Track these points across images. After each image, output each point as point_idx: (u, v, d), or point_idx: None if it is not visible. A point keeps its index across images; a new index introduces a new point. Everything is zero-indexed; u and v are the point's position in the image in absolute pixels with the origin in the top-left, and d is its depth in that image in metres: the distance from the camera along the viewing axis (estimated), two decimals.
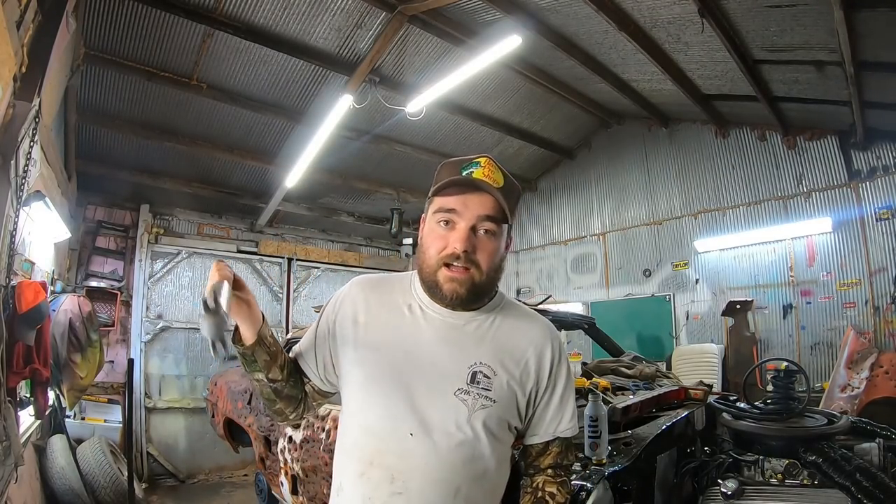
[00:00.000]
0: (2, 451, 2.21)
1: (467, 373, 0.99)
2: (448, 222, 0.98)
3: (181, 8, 3.85)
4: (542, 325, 1.10)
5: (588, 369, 3.02)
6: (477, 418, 0.97)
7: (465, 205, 0.97)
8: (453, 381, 0.98)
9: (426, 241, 1.02)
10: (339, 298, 1.11)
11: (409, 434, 0.96)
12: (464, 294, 0.98)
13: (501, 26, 3.95)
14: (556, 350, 1.08)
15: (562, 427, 1.09)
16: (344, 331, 1.07)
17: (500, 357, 1.02)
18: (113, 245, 5.81)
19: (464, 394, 0.98)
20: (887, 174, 4.54)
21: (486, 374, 0.99)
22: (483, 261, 0.98)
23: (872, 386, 4.00)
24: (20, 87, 2.26)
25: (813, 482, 1.89)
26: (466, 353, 1.01)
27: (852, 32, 3.14)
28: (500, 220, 0.98)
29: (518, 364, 1.03)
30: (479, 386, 0.98)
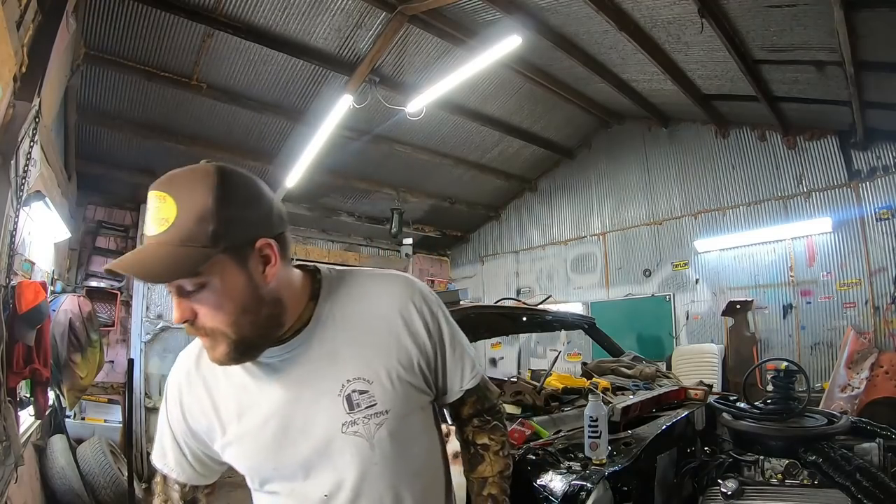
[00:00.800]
0: (2, 451, 2.21)
1: (341, 402, 0.83)
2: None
3: (181, 8, 3.85)
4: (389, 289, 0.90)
5: (588, 369, 3.01)
6: (381, 440, 0.85)
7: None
8: (333, 421, 0.83)
9: None
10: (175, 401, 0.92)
11: (324, 496, 0.85)
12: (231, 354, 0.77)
13: (501, 26, 3.95)
14: (421, 305, 0.90)
15: (465, 381, 0.97)
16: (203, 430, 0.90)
17: (363, 357, 0.85)
18: (113, 245, 5.80)
19: (351, 426, 0.83)
20: (887, 174, 4.54)
21: (360, 389, 0.83)
22: (214, 321, 0.75)
23: (872, 386, 4.01)
24: (20, 87, 2.26)
25: (813, 482, 1.88)
26: (327, 382, 0.84)
27: (852, 32, 3.14)
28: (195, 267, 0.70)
29: (389, 349, 0.87)
30: (361, 408, 0.83)
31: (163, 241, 0.70)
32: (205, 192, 0.71)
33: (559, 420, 2.10)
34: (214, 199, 0.71)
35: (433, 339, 0.91)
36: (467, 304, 2.80)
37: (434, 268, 8.54)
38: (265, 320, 0.78)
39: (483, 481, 1.03)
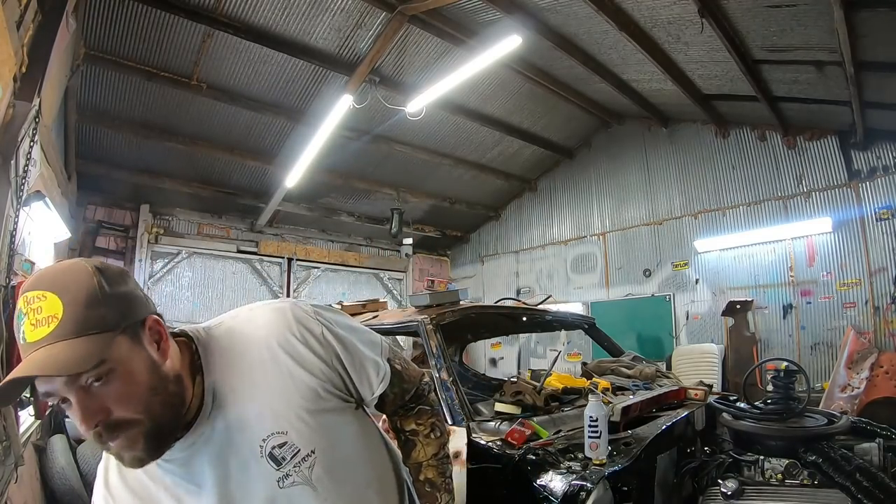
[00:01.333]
0: (2, 451, 2.21)
1: (266, 463, 0.80)
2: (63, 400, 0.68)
3: (181, 8, 3.86)
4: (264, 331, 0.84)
5: (588, 369, 3.01)
6: (320, 479, 0.82)
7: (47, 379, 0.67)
8: (268, 482, 0.80)
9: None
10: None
11: None
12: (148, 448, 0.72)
13: (501, 26, 3.95)
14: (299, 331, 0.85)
15: (375, 387, 0.94)
16: None
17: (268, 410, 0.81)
18: (113, 245, 5.81)
19: (286, 479, 0.80)
20: (887, 174, 4.54)
21: (277, 443, 0.80)
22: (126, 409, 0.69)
23: (872, 386, 4.01)
24: (20, 87, 2.27)
25: (813, 482, 1.88)
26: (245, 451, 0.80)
27: (852, 32, 3.14)
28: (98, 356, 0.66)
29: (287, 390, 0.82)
30: (287, 459, 0.80)
31: (58, 336, 0.65)
32: (86, 279, 0.68)
33: (559, 420, 2.10)
34: (98, 284, 0.68)
35: (327, 361, 0.86)
36: (467, 304, 2.80)
37: (434, 268, 8.55)
38: (172, 398, 0.74)
39: (418, 466, 1.03)
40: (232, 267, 6.67)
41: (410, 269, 8.27)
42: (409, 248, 8.11)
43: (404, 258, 8.32)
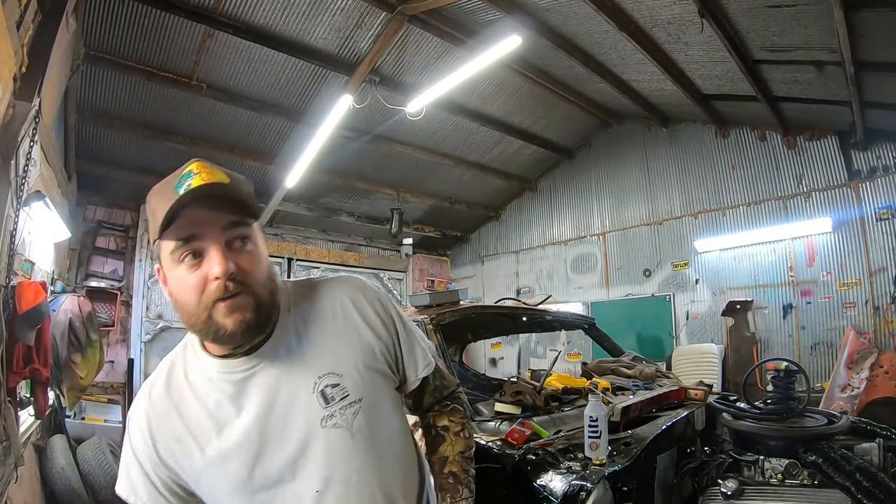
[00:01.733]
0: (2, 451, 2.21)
1: (316, 398, 0.86)
2: (194, 254, 0.79)
3: (181, 8, 3.85)
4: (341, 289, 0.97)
5: (588, 369, 3.01)
6: (360, 428, 0.87)
7: (197, 223, 0.78)
8: (312, 418, 0.85)
9: (179, 293, 0.81)
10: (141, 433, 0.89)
11: (316, 492, 0.85)
12: (253, 319, 0.81)
13: (501, 26, 3.95)
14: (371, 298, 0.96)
15: (420, 369, 1.01)
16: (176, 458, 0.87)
17: (330, 353, 0.89)
18: (113, 245, 5.81)
19: (330, 419, 0.86)
20: (887, 174, 4.54)
21: (332, 383, 0.87)
22: (253, 270, 0.82)
23: (872, 386, 4.01)
24: (20, 87, 2.26)
25: (813, 482, 1.88)
26: (300, 382, 0.86)
27: (852, 32, 3.14)
28: (246, 216, 0.81)
29: (352, 342, 0.91)
30: (336, 401, 0.86)
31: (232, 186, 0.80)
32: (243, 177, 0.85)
33: (559, 420, 2.10)
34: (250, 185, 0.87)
35: (388, 329, 0.96)
36: (467, 304, 2.79)
37: (434, 268, 8.55)
38: (274, 295, 0.86)
39: (444, 461, 1.04)
40: None
41: (410, 269, 8.27)
42: (409, 248, 8.10)
43: (404, 258, 8.32)
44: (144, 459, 0.88)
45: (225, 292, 0.78)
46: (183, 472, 0.87)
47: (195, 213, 0.77)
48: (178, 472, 0.88)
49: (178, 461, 0.87)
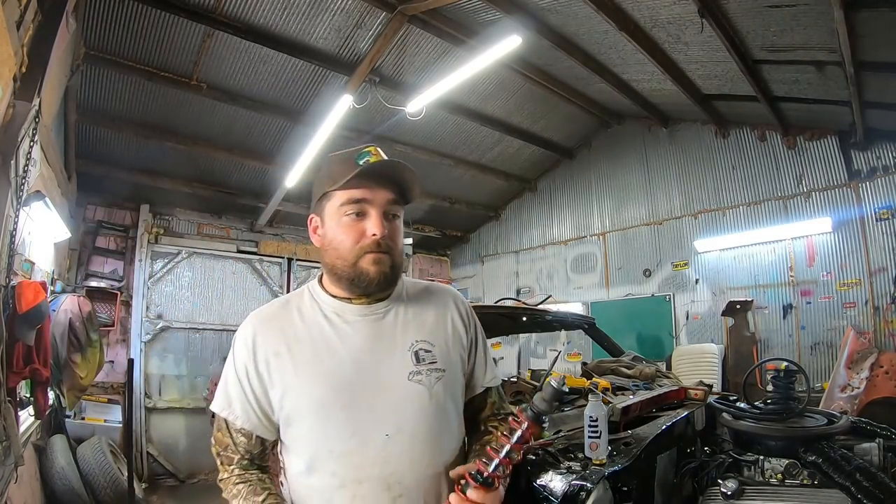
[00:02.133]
0: (2, 451, 2.21)
1: (409, 356, 1.01)
2: (359, 213, 1.00)
3: (181, 8, 3.85)
4: (443, 290, 1.19)
5: (588, 369, 3.01)
6: (437, 392, 1.00)
7: (372, 192, 1.00)
8: (401, 370, 1.00)
9: (337, 237, 1.01)
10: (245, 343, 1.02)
11: (385, 436, 0.96)
12: (389, 274, 1.01)
13: (501, 26, 3.95)
14: (463, 304, 1.16)
15: (487, 378, 1.15)
16: (269, 370, 1.00)
17: (429, 329, 1.06)
18: (113, 245, 5.81)
19: (416, 375, 1.00)
20: (887, 174, 4.54)
21: (426, 349, 1.03)
22: (396, 242, 1.03)
23: (872, 386, 4.00)
24: (20, 87, 2.27)
25: (813, 482, 1.88)
26: (399, 340, 1.03)
27: (852, 32, 3.14)
28: (402, 202, 1.05)
29: (445, 328, 1.09)
30: (425, 363, 1.01)
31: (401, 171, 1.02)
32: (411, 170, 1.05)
33: (559, 420, 2.10)
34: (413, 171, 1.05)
35: (470, 333, 1.13)
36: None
37: (434, 268, 8.55)
38: (400, 265, 1.06)
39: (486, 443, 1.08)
40: (232, 267, 6.66)
41: (410, 269, 8.27)
42: (409, 248, 8.10)
43: (404, 258, 8.31)
44: (242, 370, 1.00)
45: (376, 248, 0.99)
46: (272, 387, 0.99)
47: (369, 183, 0.99)
48: (267, 388, 0.99)
49: (271, 374, 0.99)
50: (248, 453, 1.03)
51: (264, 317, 1.06)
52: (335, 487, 0.95)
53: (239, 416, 1.00)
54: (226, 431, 1.03)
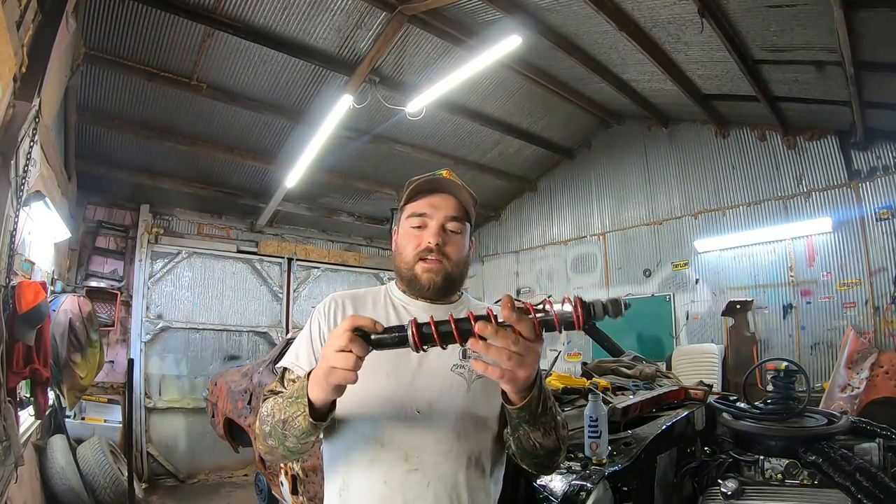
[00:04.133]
0: (2, 451, 2.21)
1: (458, 352, 1.07)
2: (420, 225, 1.11)
3: (181, 8, 3.85)
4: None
5: (588, 369, 3.01)
6: (475, 389, 1.06)
7: (433, 207, 1.11)
8: (447, 361, 1.06)
9: (402, 243, 1.14)
10: (325, 310, 1.16)
11: (417, 412, 1.02)
12: (440, 282, 1.09)
13: (501, 26, 3.95)
14: None
15: None
16: None
17: None
18: (113, 245, 5.81)
19: (459, 368, 1.07)
20: (887, 174, 4.54)
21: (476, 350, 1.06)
22: (452, 253, 1.11)
23: (872, 386, 4.00)
24: (20, 87, 2.26)
25: (813, 482, 1.88)
26: None
27: (852, 32, 3.14)
28: (463, 219, 1.13)
29: None
30: (470, 360, 1.06)
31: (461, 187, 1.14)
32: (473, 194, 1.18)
33: None
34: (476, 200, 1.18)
35: None
36: None
37: None
38: (459, 278, 1.15)
39: None
40: (232, 267, 6.66)
41: None
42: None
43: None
44: (316, 330, 1.12)
45: (427, 254, 1.09)
46: None
47: (433, 199, 1.12)
48: None
49: None
50: None
51: (344, 294, 1.19)
52: (361, 448, 1.03)
53: (300, 365, 1.09)
54: (279, 381, 1.12)
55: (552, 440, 1.00)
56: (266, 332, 6.69)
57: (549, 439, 0.99)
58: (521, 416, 0.94)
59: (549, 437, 0.99)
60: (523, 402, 0.90)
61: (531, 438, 0.98)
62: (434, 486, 1.00)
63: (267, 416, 1.01)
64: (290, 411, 0.94)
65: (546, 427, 0.98)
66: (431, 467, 1.01)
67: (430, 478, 1.00)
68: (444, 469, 1.01)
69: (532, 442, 0.99)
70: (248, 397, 3.57)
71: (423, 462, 1.01)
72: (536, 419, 0.95)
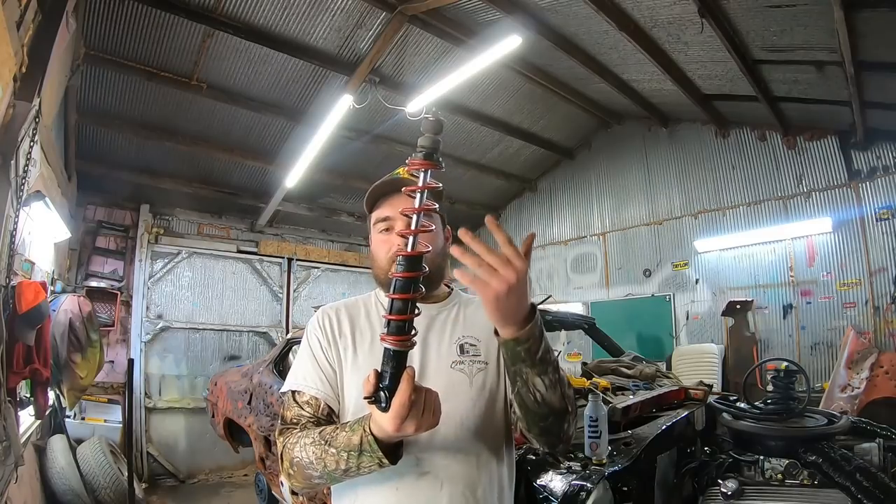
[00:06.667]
0: (2, 451, 2.21)
1: (455, 348, 1.08)
2: (388, 229, 1.12)
3: (181, 8, 3.85)
4: None
5: (588, 369, 3.01)
6: (477, 382, 1.06)
7: (395, 208, 1.10)
8: (446, 359, 1.07)
9: (375, 252, 1.15)
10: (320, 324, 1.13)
11: None
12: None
13: (501, 26, 3.95)
14: None
15: None
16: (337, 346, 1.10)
17: (475, 328, 1.13)
18: (113, 245, 5.81)
19: (459, 364, 1.06)
20: (887, 174, 4.54)
21: (471, 343, 1.10)
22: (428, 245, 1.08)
23: (872, 386, 4.00)
24: (20, 87, 2.26)
25: (813, 482, 1.88)
26: (447, 334, 1.11)
27: (852, 32, 3.14)
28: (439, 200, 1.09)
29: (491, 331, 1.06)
30: (469, 355, 1.08)
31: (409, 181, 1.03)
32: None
33: None
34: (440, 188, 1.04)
35: None
36: None
37: None
38: (437, 271, 1.13)
39: None
40: (232, 267, 6.66)
41: None
42: None
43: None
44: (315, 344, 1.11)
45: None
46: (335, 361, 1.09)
47: (392, 200, 1.11)
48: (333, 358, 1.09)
49: (339, 349, 1.10)
50: (315, 417, 1.04)
51: (336, 305, 1.18)
52: None
53: (309, 385, 1.06)
54: (291, 405, 1.07)
55: (557, 396, 0.92)
56: (266, 332, 6.69)
57: (555, 394, 0.91)
58: (517, 351, 0.86)
59: (554, 391, 0.91)
60: (518, 333, 0.84)
61: (534, 386, 0.90)
62: (447, 487, 0.98)
63: (310, 463, 0.94)
64: (356, 462, 0.89)
65: (551, 378, 0.90)
66: (443, 469, 0.99)
67: (443, 479, 0.99)
68: (455, 469, 1.00)
69: (536, 393, 0.90)
70: (248, 397, 3.57)
71: (434, 464, 0.99)
72: (536, 361, 0.87)
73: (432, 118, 0.82)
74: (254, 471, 4.68)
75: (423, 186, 0.83)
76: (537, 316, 0.87)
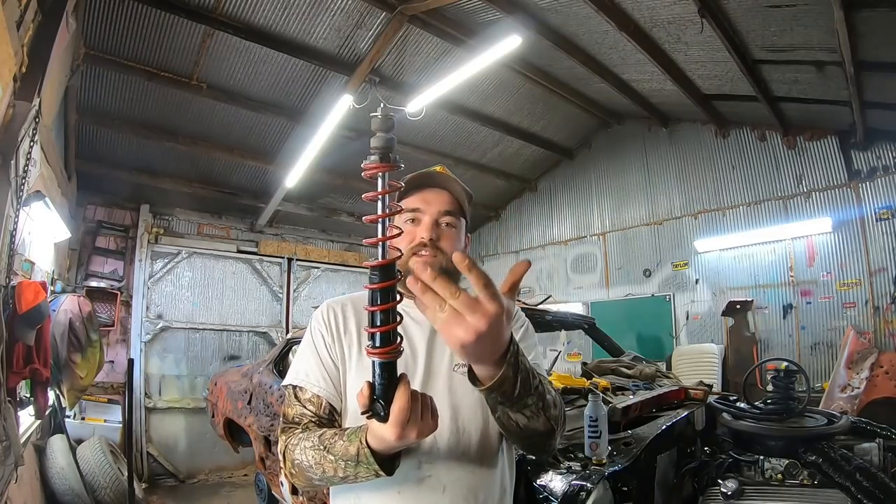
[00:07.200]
0: (2, 451, 2.21)
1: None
2: (414, 220, 1.10)
3: (181, 8, 3.85)
4: None
5: (588, 369, 3.02)
6: None
7: (426, 202, 1.10)
8: (449, 362, 1.06)
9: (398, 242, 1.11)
10: (324, 318, 1.12)
11: None
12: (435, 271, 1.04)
13: (501, 26, 3.95)
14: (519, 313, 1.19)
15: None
16: (341, 343, 1.09)
17: None
18: (113, 245, 5.81)
19: (461, 367, 1.04)
20: (887, 174, 4.54)
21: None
22: (447, 247, 1.08)
23: (872, 386, 4.00)
24: (20, 87, 2.26)
25: (813, 482, 1.88)
26: None
27: (852, 32, 3.14)
28: (457, 213, 1.11)
29: None
30: None
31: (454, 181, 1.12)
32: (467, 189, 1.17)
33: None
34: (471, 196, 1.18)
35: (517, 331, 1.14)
36: None
37: None
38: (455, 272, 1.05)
39: None
40: (232, 267, 6.66)
41: None
42: None
43: None
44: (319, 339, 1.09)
45: (421, 248, 1.06)
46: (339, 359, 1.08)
47: (425, 194, 1.10)
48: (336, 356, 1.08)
49: (343, 347, 1.09)
50: (317, 416, 1.03)
51: (342, 299, 1.16)
52: None
53: (312, 382, 1.05)
54: (293, 401, 1.06)
55: (541, 422, 0.89)
56: (266, 332, 6.69)
57: (537, 421, 0.89)
58: (493, 397, 0.82)
59: (536, 419, 0.88)
60: (491, 382, 0.78)
61: (514, 420, 0.88)
62: (450, 490, 0.98)
63: (310, 467, 0.94)
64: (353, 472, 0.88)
65: (532, 409, 0.87)
66: (445, 472, 0.99)
67: (445, 482, 0.98)
68: (457, 472, 0.99)
69: (516, 424, 0.89)
70: (248, 397, 3.57)
71: (435, 467, 0.99)
72: (514, 401, 0.83)
73: (381, 115, 0.80)
74: (254, 471, 4.68)
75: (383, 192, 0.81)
76: (512, 350, 0.78)
